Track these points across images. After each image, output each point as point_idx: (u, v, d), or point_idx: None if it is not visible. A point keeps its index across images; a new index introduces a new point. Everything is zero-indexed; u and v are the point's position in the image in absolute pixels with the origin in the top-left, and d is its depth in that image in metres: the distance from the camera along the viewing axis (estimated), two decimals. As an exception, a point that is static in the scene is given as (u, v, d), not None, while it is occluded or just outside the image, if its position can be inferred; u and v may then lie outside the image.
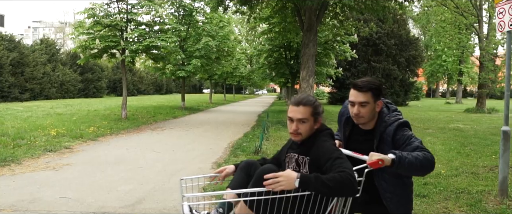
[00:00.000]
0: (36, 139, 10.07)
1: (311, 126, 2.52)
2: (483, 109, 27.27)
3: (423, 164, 2.32)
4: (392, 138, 2.48)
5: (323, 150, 2.42)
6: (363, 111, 2.49)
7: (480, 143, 10.96)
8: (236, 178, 2.64)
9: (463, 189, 5.89)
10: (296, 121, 2.50)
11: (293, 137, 2.57)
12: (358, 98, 2.50)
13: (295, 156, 2.58)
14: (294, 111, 2.51)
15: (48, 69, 36.74)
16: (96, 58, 16.37)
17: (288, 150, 2.70)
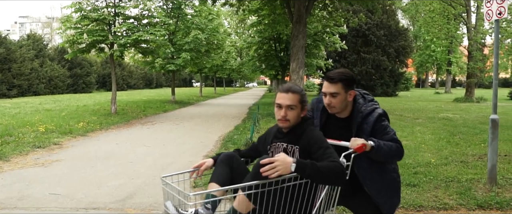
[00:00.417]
0: (25, 135, 9.96)
1: (298, 113, 2.57)
2: (472, 98, 27.51)
3: (394, 154, 2.59)
4: (372, 127, 2.61)
5: (314, 139, 2.48)
6: (334, 101, 2.61)
7: (469, 132, 11.05)
8: (220, 172, 2.55)
9: (452, 177, 5.93)
10: (285, 107, 2.54)
11: (281, 123, 2.58)
12: (329, 89, 2.62)
13: (283, 145, 2.59)
14: (283, 97, 2.55)
15: (36, 65, 36.32)
16: (84, 53, 16.21)
17: (273, 140, 2.68)
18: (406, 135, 10.47)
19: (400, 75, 39.56)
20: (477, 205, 4.77)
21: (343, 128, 2.71)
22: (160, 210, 4.74)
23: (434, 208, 4.72)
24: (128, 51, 18.48)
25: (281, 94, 2.57)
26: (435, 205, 4.77)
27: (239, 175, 2.54)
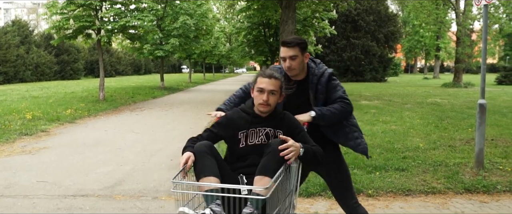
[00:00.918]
0: (11, 123, 9.83)
1: (277, 99, 2.66)
2: (460, 84, 27.75)
3: (340, 115, 2.86)
4: (326, 86, 2.87)
5: (294, 123, 2.71)
6: (293, 63, 2.80)
7: (457, 117, 11.15)
8: (209, 164, 2.41)
9: (440, 162, 5.98)
10: (267, 92, 2.59)
11: (262, 107, 2.61)
12: (288, 53, 2.79)
13: (266, 129, 2.64)
14: (266, 82, 2.60)
15: (22, 51, 35.73)
16: (71, 39, 15.95)
17: (251, 125, 2.65)
18: (395, 120, 10.53)
19: (389, 61, 39.69)
20: (465, 188, 4.82)
21: (300, 90, 2.90)
22: (149, 196, 4.72)
23: (422, 192, 4.76)
24: (116, 37, 18.22)
25: (264, 79, 2.62)
26: (423, 189, 4.81)
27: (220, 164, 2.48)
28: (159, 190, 4.94)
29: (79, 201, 4.57)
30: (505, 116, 11.38)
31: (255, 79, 2.67)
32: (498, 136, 8.13)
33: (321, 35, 22.08)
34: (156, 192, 4.88)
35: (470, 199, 4.58)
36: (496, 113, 11.90)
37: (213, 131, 2.69)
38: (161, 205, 4.43)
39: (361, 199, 4.59)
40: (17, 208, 4.34)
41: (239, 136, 2.64)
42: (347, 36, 36.60)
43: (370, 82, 35.12)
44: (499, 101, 15.95)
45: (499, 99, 16.94)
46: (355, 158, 6.20)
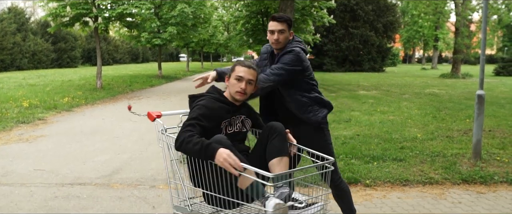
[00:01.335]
0: (8, 111, 9.79)
1: (252, 89, 2.75)
2: (458, 74, 27.73)
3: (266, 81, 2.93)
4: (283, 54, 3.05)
5: (253, 109, 2.93)
6: (281, 37, 3.03)
7: (455, 108, 11.16)
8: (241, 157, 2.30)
9: (438, 152, 5.99)
10: (246, 81, 2.66)
11: (239, 96, 2.68)
12: (278, 27, 3.03)
13: (241, 117, 2.78)
14: (246, 71, 2.68)
15: (18, 39, 35.47)
16: (68, 27, 15.85)
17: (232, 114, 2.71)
18: (393, 110, 10.54)
19: (387, 51, 39.62)
20: (462, 179, 4.83)
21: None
22: (147, 185, 4.72)
23: (419, 183, 4.77)
24: (113, 25, 18.12)
25: (243, 68, 2.69)
26: (421, 180, 4.82)
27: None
28: (157, 179, 4.93)
29: (77, 189, 4.56)
30: (503, 107, 11.40)
31: (233, 68, 2.74)
32: (496, 127, 8.14)
33: (320, 24, 21.95)
34: (154, 180, 4.88)
35: (467, 190, 4.60)
36: (493, 104, 11.92)
37: (201, 124, 2.52)
38: (159, 194, 4.43)
39: (358, 189, 4.60)
40: (14, 196, 4.33)
41: (222, 125, 2.65)
42: (346, 25, 36.46)
43: (368, 72, 35.08)
44: (496, 93, 15.97)
45: (496, 91, 16.95)
46: (353, 147, 6.21)
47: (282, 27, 3.04)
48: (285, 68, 2.98)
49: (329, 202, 2.54)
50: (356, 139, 6.90)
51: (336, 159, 5.20)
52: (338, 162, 5.46)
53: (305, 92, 3.13)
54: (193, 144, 2.33)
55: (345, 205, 3.38)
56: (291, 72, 3.00)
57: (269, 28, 3.08)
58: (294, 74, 3.03)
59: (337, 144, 6.48)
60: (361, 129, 7.93)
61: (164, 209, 3.93)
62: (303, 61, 3.08)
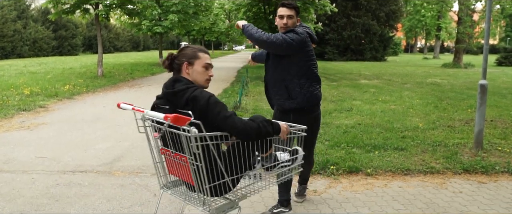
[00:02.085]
0: (9, 98, 9.78)
1: None
2: (460, 64, 27.63)
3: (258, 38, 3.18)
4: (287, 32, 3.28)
5: None
6: (290, 21, 3.29)
7: (457, 97, 11.14)
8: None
9: (439, 142, 5.99)
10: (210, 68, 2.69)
11: (207, 83, 2.68)
12: (287, 12, 3.30)
13: None
14: (210, 58, 2.71)
15: (19, 26, 35.35)
16: (69, 14, 15.75)
17: None
18: (394, 100, 10.52)
19: (389, 40, 39.44)
20: (463, 169, 4.83)
21: None
22: (148, 172, 4.72)
23: (421, 172, 4.77)
24: (114, 12, 18.02)
25: (208, 56, 2.70)
26: (422, 169, 4.82)
27: None
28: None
29: (78, 176, 4.57)
30: (505, 97, 11.37)
31: (196, 55, 2.62)
32: (498, 117, 8.13)
33: (321, 13, 21.82)
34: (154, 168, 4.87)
35: (468, 179, 4.59)
36: (495, 94, 11.88)
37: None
38: (160, 182, 4.43)
39: (359, 178, 4.61)
40: (16, 183, 4.34)
41: None
42: (348, 14, 36.26)
43: (369, 62, 34.98)
44: (499, 83, 15.92)
45: (499, 81, 16.90)
46: (354, 137, 6.21)
47: (291, 12, 3.29)
48: (283, 38, 3.17)
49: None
50: (357, 128, 6.90)
51: (337, 147, 5.26)
52: (338, 150, 5.48)
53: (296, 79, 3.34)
54: (263, 126, 2.50)
55: (304, 174, 3.82)
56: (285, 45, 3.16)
57: (279, 14, 3.34)
58: (289, 48, 3.19)
59: (338, 133, 6.48)
60: (362, 118, 7.92)
61: (165, 197, 3.93)
62: (305, 45, 3.27)
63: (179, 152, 2.44)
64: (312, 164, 3.85)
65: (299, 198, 3.92)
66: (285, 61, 3.31)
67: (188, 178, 2.48)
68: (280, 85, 3.38)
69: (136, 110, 2.58)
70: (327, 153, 5.35)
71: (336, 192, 4.18)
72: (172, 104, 2.50)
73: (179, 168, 2.51)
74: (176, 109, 2.46)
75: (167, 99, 2.56)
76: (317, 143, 5.78)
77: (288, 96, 3.36)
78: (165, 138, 2.52)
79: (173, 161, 2.54)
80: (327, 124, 7.21)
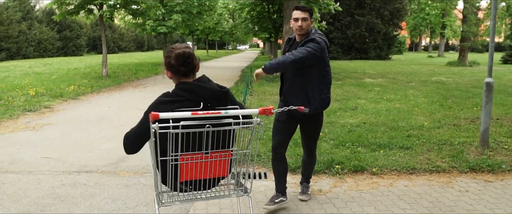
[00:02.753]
0: (14, 99, 9.83)
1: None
2: (465, 62, 27.49)
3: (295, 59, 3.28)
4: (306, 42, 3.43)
5: None
6: (304, 24, 3.45)
7: (462, 96, 11.08)
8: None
9: (445, 140, 5.96)
10: None
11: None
12: (301, 15, 3.45)
13: None
14: None
15: (24, 27, 35.50)
16: (73, 15, 15.79)
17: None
18: (399, 98, 10.48)
19: (393, 39, 39.31)
20: (469, 167, 4.80)
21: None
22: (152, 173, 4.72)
23: (426, 171, 4.75)
24: (118, 13, 18.05)
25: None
26: (428, 168, 4.79)
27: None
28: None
29: (83, 177, 4.58)
30: (511, 95, 11.30)
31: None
32: (504, 115, 8.08)
33: (325, 11, 21.76)
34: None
35: (474, 178, 4.57)
36: (501, 92, 11.82)
37: None
38: (165, 182, 4.43)
39: (365, 177, 4.59)
40: (21, 183, 4.35)
41: None
42: (352, 13, 36.16)
43: (374, 60, 34.88)
44: (504, 81, 15.83)
45: (504, 79, 16.81)
46: (359, 135, 6.19)
47: (305, 15, 3.45)
48: (307, 50, 3.33)
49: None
50: (362, 127, 6.88)
51: (342, 146, 5.25)
52: (343, 149, 5.46)
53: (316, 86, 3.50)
54: None
55: (307, 171, 3.98)
56: (311, 56, 3.34)
57: (293, 16, 3.48)
58: (313, 59, 3.37)
59: (343, 132, 6.46)
60: (367, 117, 7.90)
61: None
62: (324, 52, 3.46)
63: (218, 149, 2.57)
64: (315, 161, 3.98)
65: (304, 197, 3.92)
66: (307, 71, 3.46)
67: (221, 172, 2.66)
68: (300, 93, 3.52)
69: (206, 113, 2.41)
70: (332, 152, 5.33)
71: (341, 191, 4.17)
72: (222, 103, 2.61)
73: (210, 167, 2.59)
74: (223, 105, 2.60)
75: (219, 99, 2.61)
76: (322, 142, 5.78)
77: (307, 102, 3.51)
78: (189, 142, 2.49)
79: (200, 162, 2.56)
80: (332, 123, 7.19)
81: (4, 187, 4.23)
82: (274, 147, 3.70)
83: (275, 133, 3.71)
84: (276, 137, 3.68)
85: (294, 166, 4.74)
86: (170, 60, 2.62)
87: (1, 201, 3.86)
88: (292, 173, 4.67)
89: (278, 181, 3.79)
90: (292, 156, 5.12)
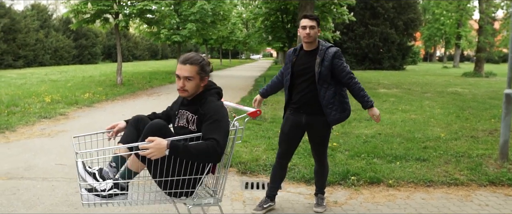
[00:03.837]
0: (31, 106, 9.93)
1: (197, 84, 2.72)
2: (481, 73, 27.13)
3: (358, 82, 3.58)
4: (332, 57, 3.52)
5: (208, 109, 2.68)
6: (312, 31, 3.51)
7: (479, 107, 10.90)
8: (127, 133, 2.78)
9: (463, 152, 5.84)
10: (183, 78, 2.68)
11: (180, 93, 2.75)
12: (309, 23, 3.51)
13: (187, 113, 2.78)
14: (181, 68, 2.68)
15: (41, 35, 36.07)
16: (89, 24, 16.00)
17: (180, 107, 2.87)
18: (415, 109, 10.35)
19: (408, 49, 39.00)
20: (489, 181, 4.69)
21: (309, 58, 3.60)
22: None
23: (444, 184, 4.65)
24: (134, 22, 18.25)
25: (180, 66, 2.69)
26: (446, 181, 4.70)
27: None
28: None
29: (97, 184, 4.57)
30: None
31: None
32: (522, 127, 7.91)
33: (339, 21, 21.72)
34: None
35: (494, 192, 4.45)
36: (519, 103, 11.59)
37: (167, 108, 3.07)
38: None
39: (381, 189, 4.51)
40: (36, 190, 4.36)
41: (176, 116, 2.88)
42: (366, 23, 36.02)
43: (388, 71, 34.63)
44: (522, 92, 15.54)
45: (522, 90, 16.50)
46: (375, 146, 6.10)
47: (313, 23, 3.52)
48: (348, 67, 3.61)
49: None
50: (377, 138, 6.79)
51: (357, 157, 5.17)
52: (359, 160, 5.38)
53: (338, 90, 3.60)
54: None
55: (320, 181, 3.94)
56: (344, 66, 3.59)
57: (301, 24, 3.54)
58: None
59: (358, 143, 6.38)
60: (382, 127, 7.80)
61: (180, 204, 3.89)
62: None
63: None
64: (327, 171, 3.95)
65: (319, 209, 3.86)
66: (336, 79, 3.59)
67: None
68: (334, 100, 3.59)
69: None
70: (347, 163, 5.26)
71: (357, 203, 4.09)
72: None
73: None
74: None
75: None
76: (336, 153, 5.71)
77: (342, 109, 3.64)
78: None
79: None
80: (347, 134, 7.11)
81: (19, 193, 4.25)
82: (278, 156, 3.81)
83: (280, 142, 3.81)
84: (281, 147, 3.78)
85: (308, 177, 4.68)
86: (206, 64, 2.76)
87: (16, 208, 3.87)
88: (307, 184, 4.61)
89: (272, 185, 3.86)
90: (307, 166, 5.07)
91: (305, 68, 3.56)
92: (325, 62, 3.50)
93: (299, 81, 3.59)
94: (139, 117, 2.86)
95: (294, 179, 4.75)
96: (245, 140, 6.49)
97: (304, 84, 3.57)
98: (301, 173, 4.85)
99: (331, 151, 5.80)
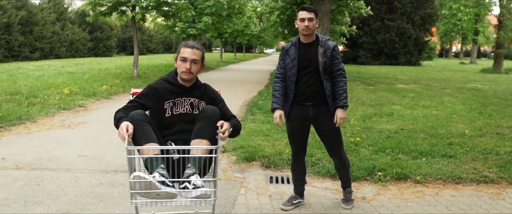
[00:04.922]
0: (50, 97, 9.98)
1: (199, 68, 2.89)
2: (500, 69, 26.64)
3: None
4: (333, 49, 3.53)
5: (214, 92, 3.03)
6: (311, 24, 3.48)
7: (501, 104, 10.68)
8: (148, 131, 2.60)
9: (490, 150, 5.70)
10: (190, 60, 2.81)
11: (185, 75, 2.83)
12: (308, 15, 3.48)
13: (190, 99, 2.89)
14: (188, 52, 2.82)
15: (57, 28, 36.35)
16: (106, 16, 16.02)
17: (177, 96, 2.87)
18: (435, 105, 10.18)
19: (424, 44, 38.48)
20: (520, 179, 4.56)
21: (309, 50, 3.56)
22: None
23: (473, 181, 4.53)
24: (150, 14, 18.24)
25: (186, 49, 2.83)
26: (475, 178, 4.58)
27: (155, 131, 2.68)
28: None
29: (121, 176, 4.55)
30: (553, 103, 10.83)
31: (179, 50, 2.88)
32: (549, 125, 7.71)
33: (356, 15, 21.41)
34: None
35: (526, 190, 4.32)
36: (543, 100, 11.34)
37: (139, 101, 2.90)
38: (203, 184, 4.36)
39: (408, 185, 4.41)
40: (60, 181, 4.35)
41: (165, 106, 2.86)
42: (382, 17, 35.60)
43: (404, 66, 34.23)
44: (544, 89, 15.23)
45: (544, 87, 16.18)
46: (399, 142, 5.99)
47: (311, 16, 3.50)
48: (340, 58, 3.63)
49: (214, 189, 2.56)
50: (400, 133, 6.66)
51: (382, 153, 5.07)
52: (384, 156, 5.28)
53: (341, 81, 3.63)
54: (115, 117, 2.76)
55: (343, 176, 3.85)
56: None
57: (300, 17, 3.52)
58: None
59: (381, 138, 6.27)
60: (404, 123, 7.66)
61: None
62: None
63: None
64: (346, 164, 3.81)
65: (347, 204, 3.78)
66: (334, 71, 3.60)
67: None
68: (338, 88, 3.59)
69: None
70: (372, 158, 5.16)
71: (385, 200, 4.00)
72: None
73: None
74: None
75: None
76: (360, 148, 5.62)
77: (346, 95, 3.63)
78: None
79: None
80: (369, 129, 7.00)
81: (43, 184, 4.24)
82: (293, 155, 3.82)
83: (291, 142, 3.80)
84: (293, 146, 3.78)
85: (333, 172, 4.60)
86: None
87: (41, 198, 3.85)
88: (332, 179, 4.53)
89: (297, 183, 3.86)
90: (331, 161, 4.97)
91: (309, 60, 3.53)
92: (328, 53, 3.51)
93: (302, 74, 3.55)
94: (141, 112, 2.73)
95: (319, 173, 4.68)
96: (267, 133, 6.43)
97: (307, 76, 3.53)
98: (326, 168, 4.77)
99: (355, 146, 5.71)
